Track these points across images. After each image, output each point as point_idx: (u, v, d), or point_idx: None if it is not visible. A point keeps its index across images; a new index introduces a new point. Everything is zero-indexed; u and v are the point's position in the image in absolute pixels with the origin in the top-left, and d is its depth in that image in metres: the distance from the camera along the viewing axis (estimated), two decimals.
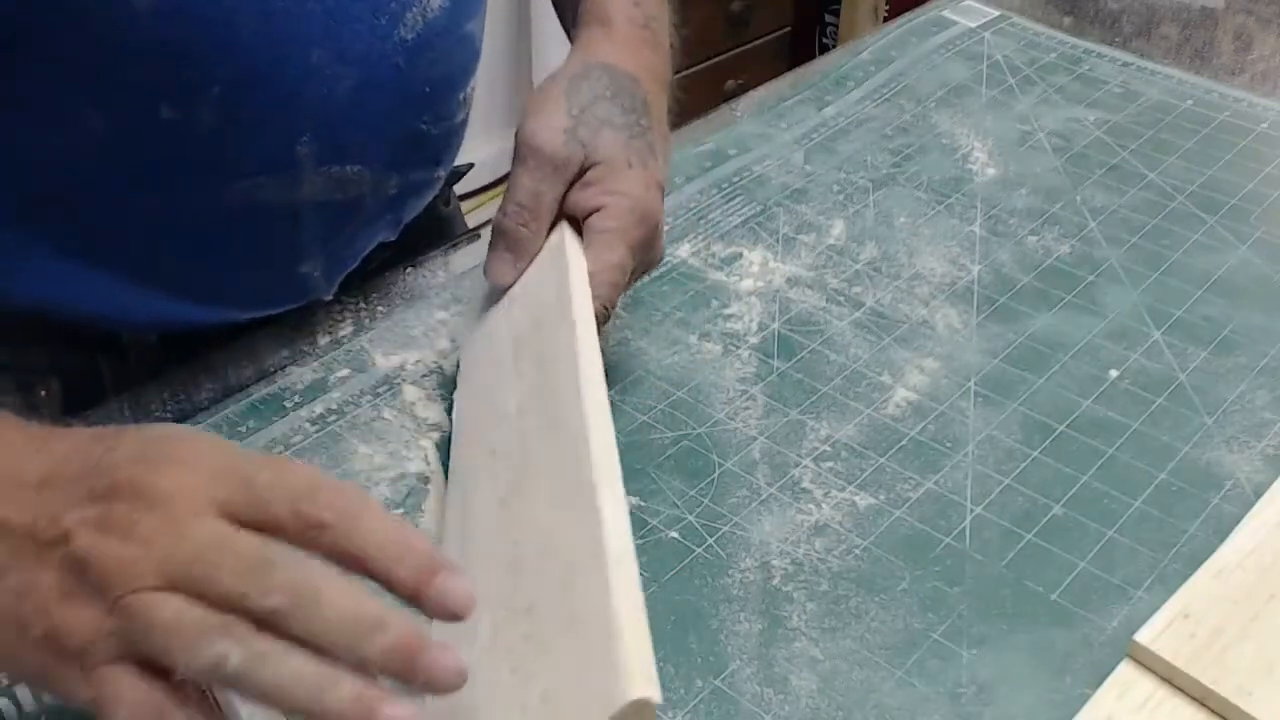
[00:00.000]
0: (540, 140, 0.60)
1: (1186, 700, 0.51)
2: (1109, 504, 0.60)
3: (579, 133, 0.60)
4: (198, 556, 0.36)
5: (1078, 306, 0.73)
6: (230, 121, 0.61)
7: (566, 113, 0.61)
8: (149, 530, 0.37)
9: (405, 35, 0.65)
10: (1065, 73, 0.97)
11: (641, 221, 0.60)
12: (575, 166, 0.61)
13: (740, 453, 0.63)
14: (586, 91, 0.62)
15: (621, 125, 0.61)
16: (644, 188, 0.60)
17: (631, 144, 0.61)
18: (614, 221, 0.60)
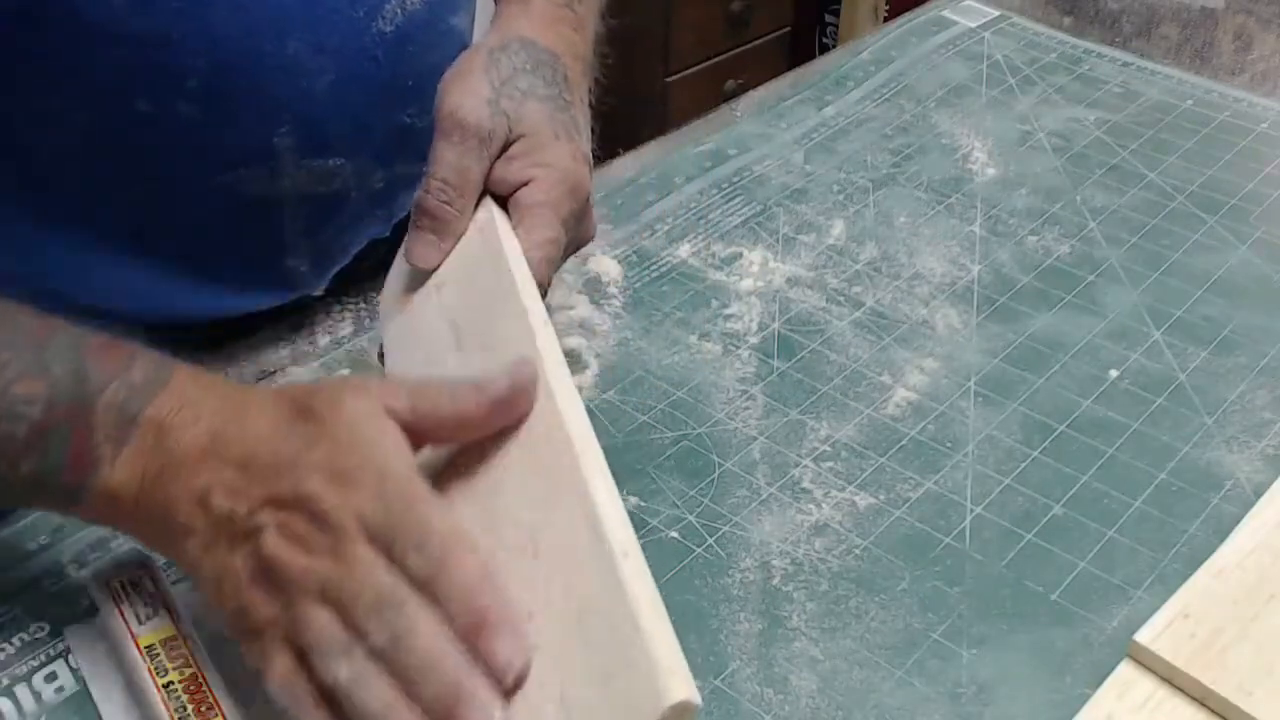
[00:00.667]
0: (464, 113, 0.57)
1: (1186, 700, 0.51)
2: (1109, 504, 0.60)
3: (502, 104, 0.58)
4: (346, 581, 0.43)
5: (1078, 306, 0.73)
6: (208, 114, 0.60)
7: (489, 84, 0.58)
8: (320, 548, 0.44)
9: (384, 27, 0.64)
10: (1065, 73, 0.97)
11: (572, 194, 0.58)
12: (500, 139, 0.58)
13: (740, 453, 0.63)
14: (506, 64, 0.59)
15: (545, 97, 0.59)
16: (572, 159, 0.58)
17: (557, 117, 0.59)
18: (543, 195, 0.57)
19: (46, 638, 0.53)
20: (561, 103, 0.60)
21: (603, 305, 0.73)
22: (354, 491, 0.44)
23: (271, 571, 0.44)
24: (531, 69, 0.60)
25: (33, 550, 0.57)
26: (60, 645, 0.53)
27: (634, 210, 0.81)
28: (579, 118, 0.61)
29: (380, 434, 0.46)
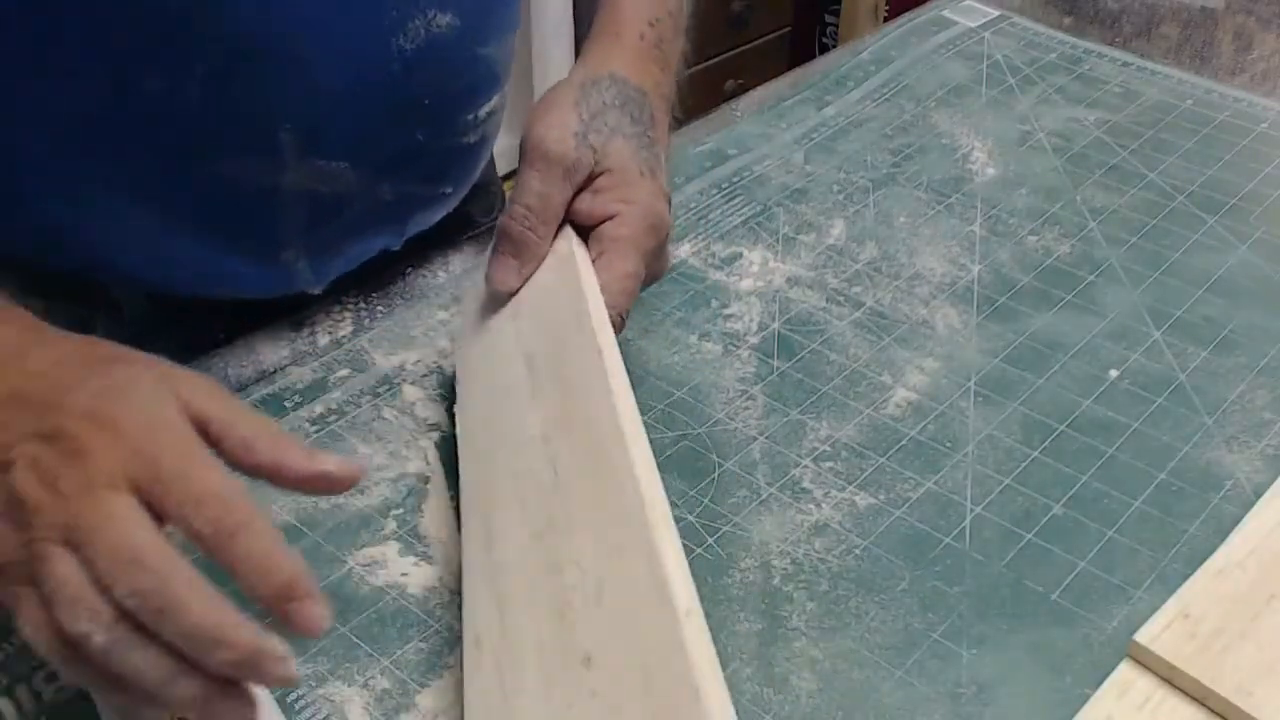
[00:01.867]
0: (550, 143, 0.59)
1: (1186, 700, 0.51)
2: (1109, 504, 0.60)
3: (590, 138, 0.60)
4: (92, 531, 0.40)
5: (1078, 306, 0.73)
6: (214, 99, 0.61)
7: (578, 117, 0.60)
8: (69, 488, 0.41)
9: (405, 45, 0.65)
10: (1065, 73, 0.97)
11: (653, 230, 0.60)
12: (585, 171, 0.60)
13: (740, 453, 0.63)
14: (596, 99, 0.61)
15: (632, 134, 0.61)
16: (656, 197, 0.60)
17: (642, 154, 0.61)
18: (627, 229, 0.59)
19: None
20: (646, 140, 0.61)
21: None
22: (122, 438, 0.42)
23: (16, 506, 0.41)
24: (620, 105, 0.61)
25: None
26: None
27: None
28: (661, 156, 0.63)
29: (163, 400, 0.44)
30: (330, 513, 0.59)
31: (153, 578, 0.40)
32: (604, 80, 0.62)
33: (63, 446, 0.42)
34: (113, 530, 0.40)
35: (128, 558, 0.40)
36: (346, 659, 0.53)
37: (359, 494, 0.60)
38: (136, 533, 0.40)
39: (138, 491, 0.41)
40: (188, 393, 0.45)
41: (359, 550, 0.57)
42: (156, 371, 0.45)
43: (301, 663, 0.52)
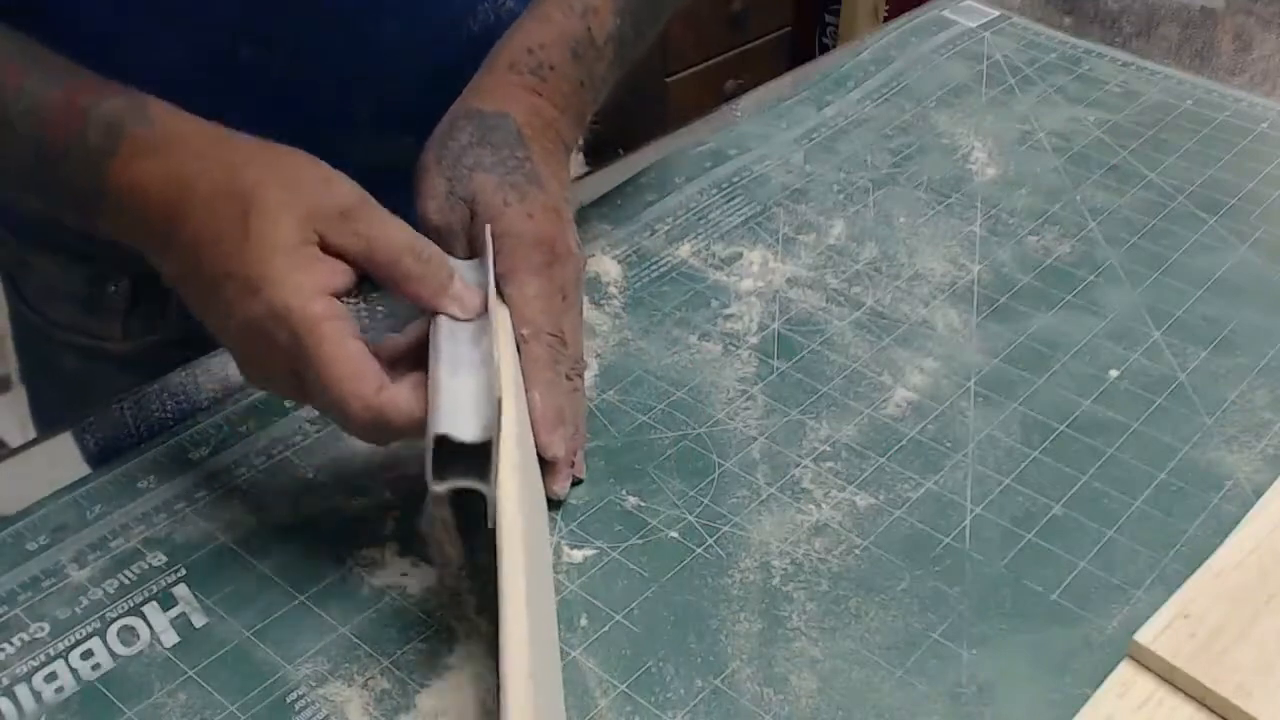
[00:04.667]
0: (430, 215, 0.62)
1: (1186, 700, 0.51)
2: (1109, 504, 0.60)
3: (455, 190, 0.61)
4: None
5: (1078, 306, 0.73)
6: (298, 70, 0.67)
7: (442, 176, 0.62)
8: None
9: (473, 27, 0.70)
10: (1065, 73, 0.97)
11: (535, 248, 0.60)
12: (462, 226, 0.61)
13: (740, 453, 0.63)
14: (453, 146, 0.62)
15: (492, 164, 0.62)
16: (526, 218, 0.61)
17: (507, 180, 0.61)
18: (508, 262, 0.60)
19: (46, 638, 0.53)
20: (513, 163, 0.62)
21: (603, 305, 0.73)
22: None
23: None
24: (477, 141, 0.62)
25: (33, 550, 0.57)
26: (60, 645, 0.53)
27: (634, 210, 0.81)
28: (537, 170, 0.63)
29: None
30: (330, 513, 0.59)
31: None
32: (459, 121, 0.63)
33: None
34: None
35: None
36: (346, 659, 0.53)
37: (359, 494, 0.60)
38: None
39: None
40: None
41: (359, 550, 0.57)
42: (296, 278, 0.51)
43: (301, 663, 0.53)
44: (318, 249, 0.53)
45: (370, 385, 0.51)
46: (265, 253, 0.51)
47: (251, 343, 0.52)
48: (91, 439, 0.64)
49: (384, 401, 0.51)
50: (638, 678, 0.52)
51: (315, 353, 0.50)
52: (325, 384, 0.50)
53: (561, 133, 0.67)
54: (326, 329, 0.50)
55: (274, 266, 0.51)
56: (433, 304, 0.55)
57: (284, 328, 0.50)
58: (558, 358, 0.60)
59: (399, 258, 0.54)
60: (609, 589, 0.56)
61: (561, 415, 0.59)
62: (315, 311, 0.51)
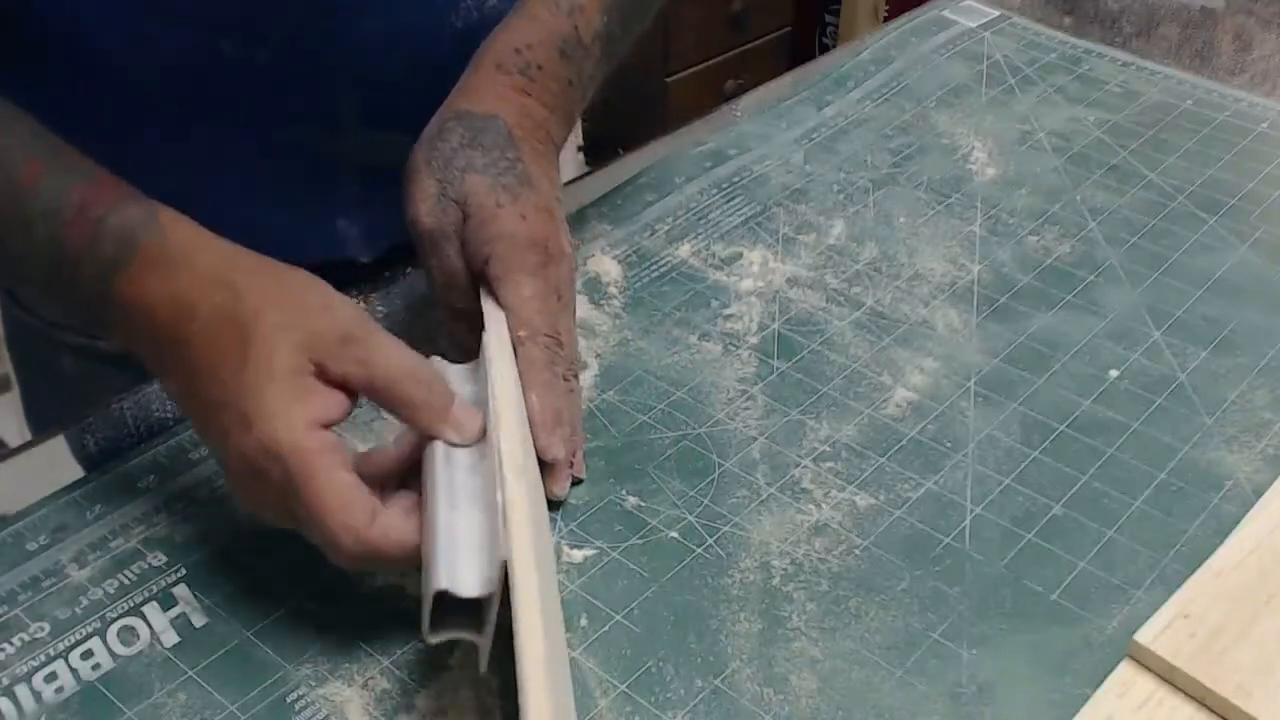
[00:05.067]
0: (422, 219, 0.61)
1: (1186, 700, 0.51)
2: (1109, 504, 0.60)
3: (447, 192, 0.61)
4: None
5: (1078, 306, 0.73)
6: (282, 66, 0.67)
7: (433, 178, 0.62)
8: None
9: (456, 23, 0.70)
10: (1065, 73, 0.97)
11: (530, 249, 0.61)
12: (454, 228, 0.61)
13: (740, 453, 0.63)
14: (444, 148, 0.62)
15: (484, 165, 0.62)
16: (519, 219, 0.61)
17: (499, 181, 0.61)
18: (502, 264, 0.60)
19: (46, 638, 0.53)
20: (505, 164, 0.62)
21: (603, 305, 0.73)
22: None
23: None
24: (468, 142, 0.62)
25: (33, 550, 0.57)
26: (60, 645, 0.53)
27: (634, 210, 0.81)
28: (529, 171, 0.63)
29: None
30: None
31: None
32: (449, 122, 0.63)
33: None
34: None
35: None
36: (346, 659, 0.53)
37: None
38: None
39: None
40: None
41: None
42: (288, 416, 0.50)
43: (301, 663, 0.53)
44: (314, 379, 0.52)
45: (362, 518, 0.50)
46: (260, 383, 0.50)
47: (245, 474, 0.51)
48: (91, 439, 0.64)
49: (375, 536, 0.50)
50: (638, 678, 0.52)
51: (306, 487, 0.49)
52: (316, 518, 0.49)
53: (551, 132, 0.67)
54: (317, 463, 0.49)
55: (268, 399, 0.50)
56: (432, 431, 0.53)
57: (276, 462, 0.50)
58: (554, 359, 0.60)
59: (399, 385, 0.53)
60: (609, 589, 0.56)
61: (560, 416, 0.59)
62: (306, 445, 0.49)
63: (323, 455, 0.50)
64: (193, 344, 0.52)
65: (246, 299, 0.52)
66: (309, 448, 0.50)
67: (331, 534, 0.49)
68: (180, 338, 0.52)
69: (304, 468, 0.49)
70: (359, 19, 0.68)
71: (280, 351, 0.51)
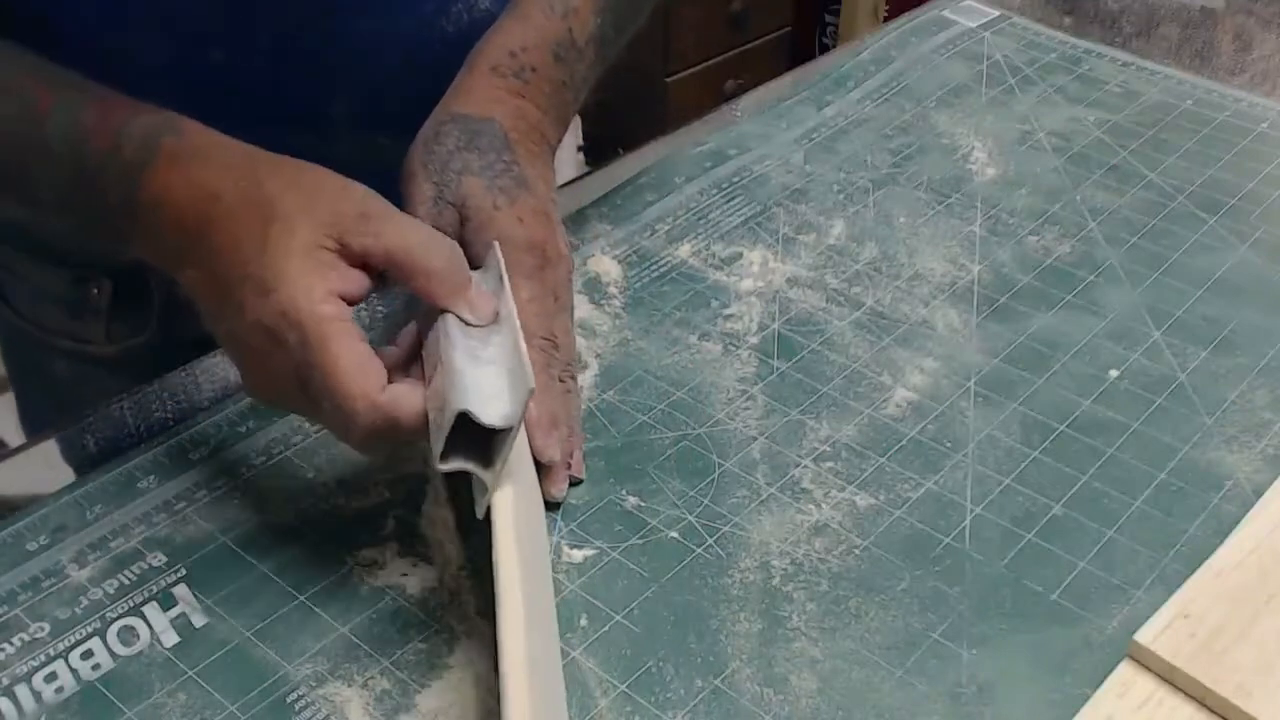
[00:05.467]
0: (421, 219, 0.61)
1: (1186, 700, 0.51)
2: (1109, 504, 0.60)
3: (445, 194, 0.61)
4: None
5: (1078, 306, 0.73)
6: (273, 72, 0.67)
7: (430, 181, 0.62)
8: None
9: (448, 27, 0.71)
10: (1065, 73, 0.97)
11: (528, 251, 0.61)
12: (452, 228, 0.61)
13: (740, 453, 0.63)
14: (441, 150, 0.62)
15: (480, 168, 0.62)
16: (517, 222, 0.61)
17: (495, 184, 0.62)
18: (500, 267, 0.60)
19: (46, 638, 0.53)
20: (501, 166, 0.62)
21: (603, 305, 0.73)
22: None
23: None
24: (465, 145, 0.63)
25: (33, 550, 0.57)
26: (60, 645, 0.53)
27: (634, 210, 0.81)
28: (525, 174, 0.63)
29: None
30: (330, 513, 0.59)
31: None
32: (445, 125, 0.63)
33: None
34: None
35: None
36: (346, 659, 0.53)
37: (359, 494, 0.60)
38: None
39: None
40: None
41: (359, 550, 0.57)
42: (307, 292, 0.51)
43: (301, 663, 0.53)
44: (335, 255, 0.53)
45: (375, 384, 0.51)
46: (281, 257, 0.52)
47: (260, 345, 0.52)
48: (91, 439, 0.64)
49: (390, 399, 0.51)
50: (638, 678, 0.52)
51: (321, 351, 0.50)
52: (330, 383, 0.50)
53: (546, 134, 0.67)
54: (333, 329, 0.51)
55: (288, 269, 0.51)
56: (448, 302, 0.54)
57: (293, 327, 0.51)
58: (550, 361, 0.60)
59: (418, 254, 0.54)
60: (609, 589, 0.56)
61: (556, 419, 0.59)
62: (323, 312, 0.51)
63: (339, 323, 0.51)
64: (216, 227, 0.53)
65: (268, 183, 0.54)
66: (326, 314, 0.51)
67: (346, 397, 0.50)
68: (204, 223, 0.54)
69: (320, 332, 0.50)
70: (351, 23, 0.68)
71: (301, 228, 0.52)
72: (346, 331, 0.51)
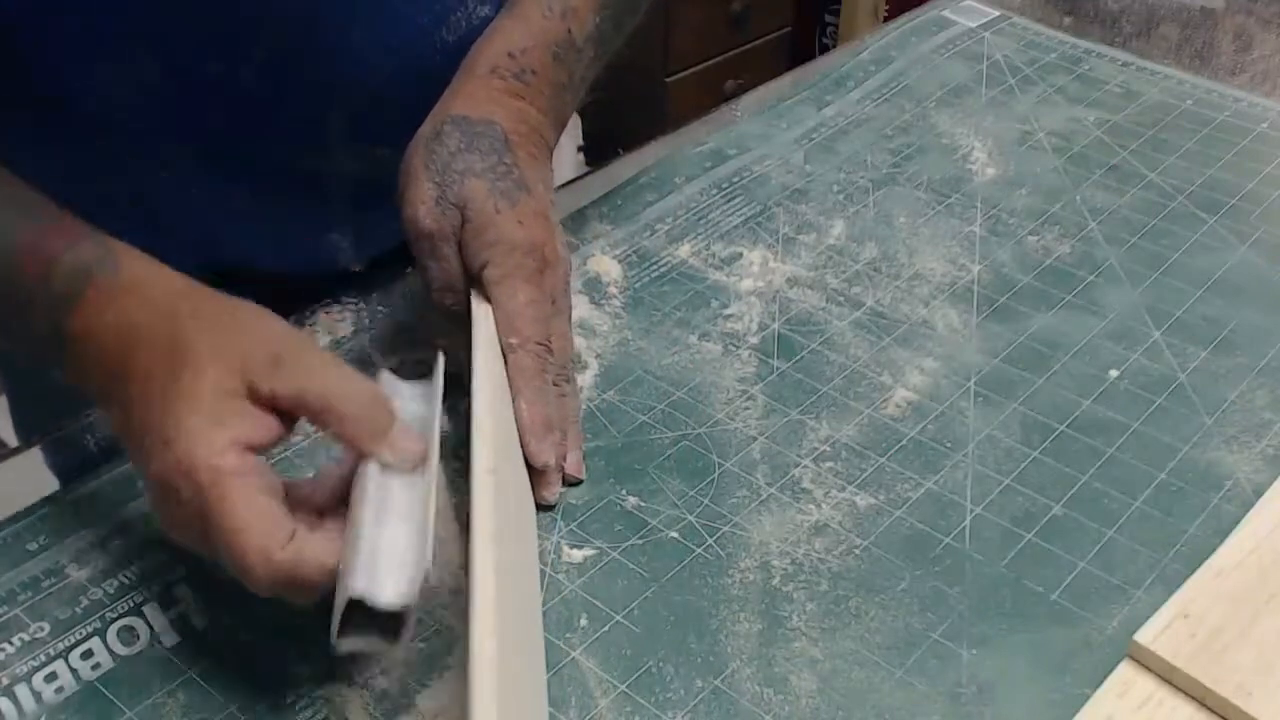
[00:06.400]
0: (420, 220, 0.61)
1: (1186, 700, 0.51)
2: (1109, 504, 0.60)
3: (446, 195, 0.61)
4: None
5: (1078, 306, 0.73)
6: (268, 85, 0.66)
7: (431, 181, 0.61)
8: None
9: (447, 36, 0.70)
10: (1065, 73, 0.97)
11: (530, 253, 0.61)
12: (453, 230, 0.61)
13: (740, 453, 0.63)
14: (442, 151, 0.62)
15: (483, 170, 0.62)
16: (517, 225, 0.61)
17: (497, 186, 0.61)
18: (500, 269, 0.60)
19: (46, 638, 0.53)
20: (502, 169, 0.62)
21: (603, 305, 0.73)
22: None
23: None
24: (466, 147, 0.62)
25: (33, 550, 0.57)
26: (60, 645, 0.53)
27: (634, 210, 0.81)
28: (525, 177, 0.63)
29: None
30: None
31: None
32: (446, 126, 0.63)
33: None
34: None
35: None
36: (346, 659, 0.53)
37: None
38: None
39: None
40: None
41: None
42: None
43: (302, 663, 0.53)
44: (245, 401, 0.50)
45: (274, 540, 0.48)
46: (185, 405, 0.49)
47: (161, 497, 0.50)
48: (91, 439, 0.64)
49: (287, 558, 0.47)
50: (638, 678, 0.52)
51: (216, 507, 0.47)
52: (225, 540, 0.47)
53: (545, 136, 0.67)
54: (231, 484, 0.48)
55: (190, 419, 0.49)
56: (367, 447, 0.51)
57: (189, 481, 0.48)
58: (545, 366, 0.60)
59: (333, 398, 0.51)
60: (609, 589, 0.56)
61: (549, 423, 0.59)
62: (220, 465, 0.48)
63: (238, 476, 0.48)
64: (136, 373, 0.51)
65: (186, 325, 0.51)
66: (223, 467, 0.48)
67: (240, 555, 0.47)
68: (125, 368, 0.51)
69: (216, 487, 0.48)
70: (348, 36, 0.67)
71: (209, 373, 0.50)
72: (246, 486, 0.48)
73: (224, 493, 0.47)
